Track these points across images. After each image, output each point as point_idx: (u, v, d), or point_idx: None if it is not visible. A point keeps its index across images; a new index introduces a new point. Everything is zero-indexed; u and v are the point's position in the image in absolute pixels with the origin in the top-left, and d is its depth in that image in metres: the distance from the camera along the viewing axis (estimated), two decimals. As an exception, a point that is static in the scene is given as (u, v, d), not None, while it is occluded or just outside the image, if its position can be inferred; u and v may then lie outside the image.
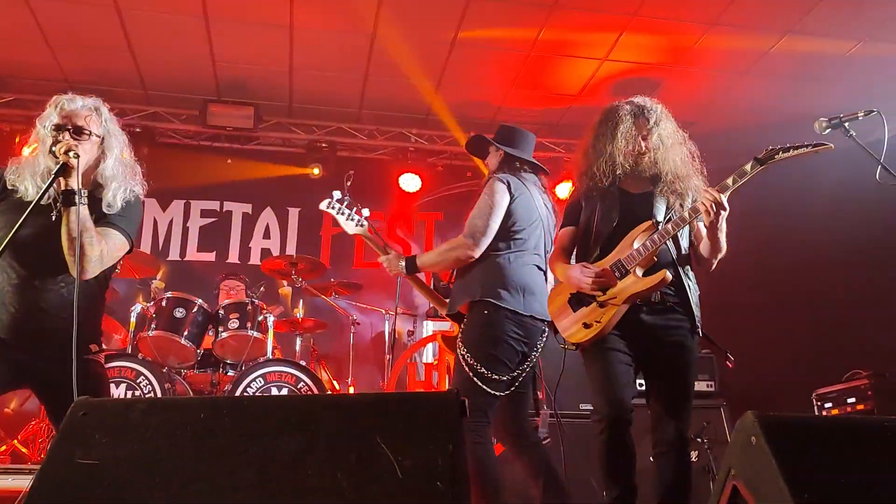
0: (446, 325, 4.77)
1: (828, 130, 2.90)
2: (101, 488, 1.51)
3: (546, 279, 3.28)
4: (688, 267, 2.92)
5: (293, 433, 1.55)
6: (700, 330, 2.86)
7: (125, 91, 6.79)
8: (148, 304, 5.17)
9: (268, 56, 6.30)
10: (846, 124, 2.86)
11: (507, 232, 3.16)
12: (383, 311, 6.12)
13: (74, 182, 2.43)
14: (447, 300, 3.30)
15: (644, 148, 2.91)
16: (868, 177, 2.93)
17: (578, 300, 2.90)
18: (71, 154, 2.43)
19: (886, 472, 1.71)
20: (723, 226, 2.78)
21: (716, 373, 5.01)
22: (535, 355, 3.16)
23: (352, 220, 3.55)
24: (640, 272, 2.80)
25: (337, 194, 3.61)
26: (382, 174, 7.43)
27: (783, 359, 5.99)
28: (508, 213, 3.17)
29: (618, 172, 2.91)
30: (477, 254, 3.12)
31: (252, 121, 6.94)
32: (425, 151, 7.51)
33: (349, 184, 4.50)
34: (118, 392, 4.57)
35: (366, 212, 3.62)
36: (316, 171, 7.25)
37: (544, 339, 3.17)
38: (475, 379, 2.96)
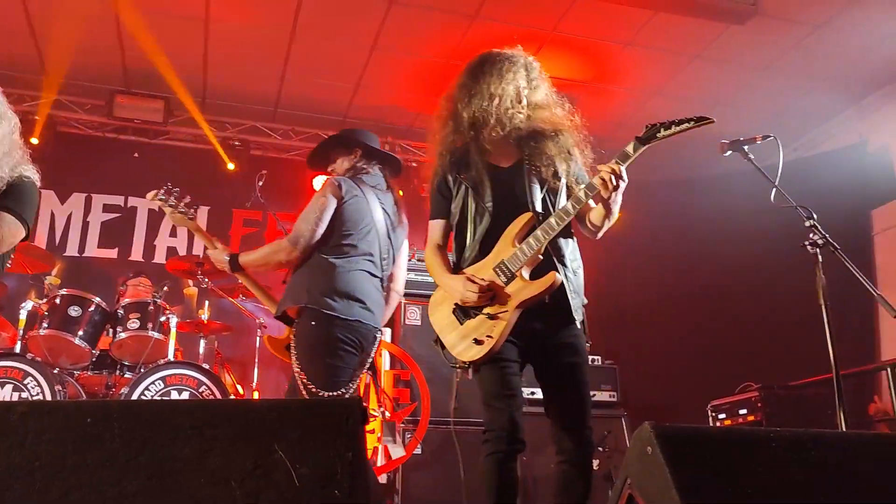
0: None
1: (728, 152, 3.03)
2: (-28, 496, 1.41)
3: (383, 285, 3.18)
4: (565, 248, 2.71)
5: (187, 439, 1.49)
6: (579, 322, 2.69)
7: (25, 76, 6.45)
8: (40, 302, 4.90)
9: (181, 48, 6.11)
10: (745, 147, 3.00)
11: (337, 235, 3.09)
12: (292, 315, 6.00)
13: None
14: None
15: (524, 103, 2.73)
16: (765, 198, 3.06)
17: (464, 311, 2.68)
18: None
19: (770, 480, 1.79)
20: (619, 198, 2.56)
21: (618, 384, 5.16)
22: (369, 362, 3.11)
23: (180, 211, 3.49)
24: (526, 273, 2.60)
25: (165, 186, 3.56)
26: (296, 175, 7.29)
27: (682, 372, 6.22)
28: (337, 216, 3.09)
29: (488, 129, 2.69)
30: (295, 257, 3.08)
31: (162, 114, 6.72)
32: (341, 155, 7.44)
33: (261, 184, 4.42)
34: (2, 394, 4.31)
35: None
36: (231, 165, 7.09)
37: (376, 344, 3.11)
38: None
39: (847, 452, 1.92)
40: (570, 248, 2.74)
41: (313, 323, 2.94)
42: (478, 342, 2.59)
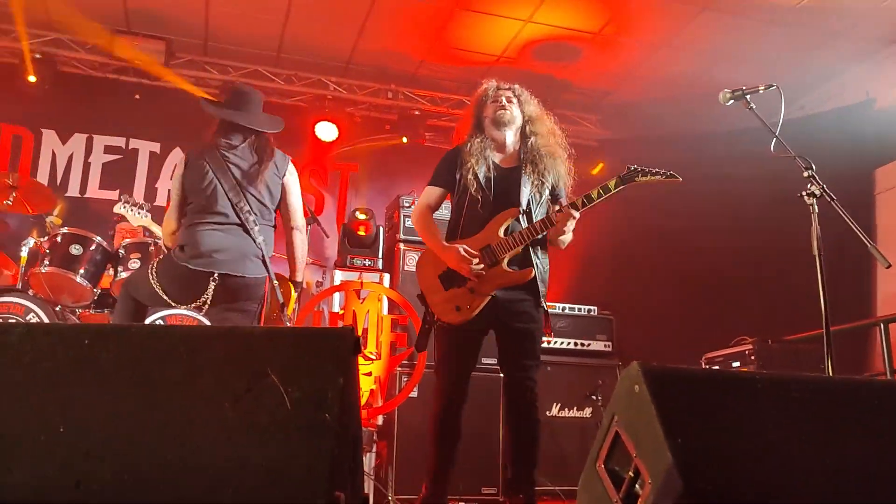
0: (355, 276, 4.77)
1: (731, 102, 3.01)
2: (-28, 413, 1.45)
3: (248, 232, 3.42)
4: (539, 247, 3.19)
5: (181, 362, 1.52)
6: (544, 305, 3.15)
7: (25, 14, 6.36)
8: (42, 240, 4.92)
9: (183, -12, 6.02)
10: (747, 97, 2.98)
11: (186, 200, 3.51)
12: (292, 260, 6.02)
13: None
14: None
15: (505, 102, 3.26)
16: (764, 151, 3.05)
17: (449, 279, 3.10)
18: None
19: (751, 418, 1.82)
20: (569, 227, 3.12)
21: (613, 334, 5.20)
22: (203, 300, 3.37)
23: (138, 214, 4.51)
24: (506, 261, 3.07)
25: (124, 197, 4.65)
26: (298, 121, 7.25)
27: (678, 324, 6.26)
28: (182, 184, 3.52)
29: (486, 133, 3.27)
30: (174, 227, 3.54)
31: (164, 56, 6.64)
32: (344, 101, 7.38)
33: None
34: (5, 328, 4.36)
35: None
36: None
37: (212, 285, 3.32)
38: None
39: (830, 396, 1.95)
40: (544, 247, 3.24)
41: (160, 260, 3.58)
42: (458, 309, 3.05)
